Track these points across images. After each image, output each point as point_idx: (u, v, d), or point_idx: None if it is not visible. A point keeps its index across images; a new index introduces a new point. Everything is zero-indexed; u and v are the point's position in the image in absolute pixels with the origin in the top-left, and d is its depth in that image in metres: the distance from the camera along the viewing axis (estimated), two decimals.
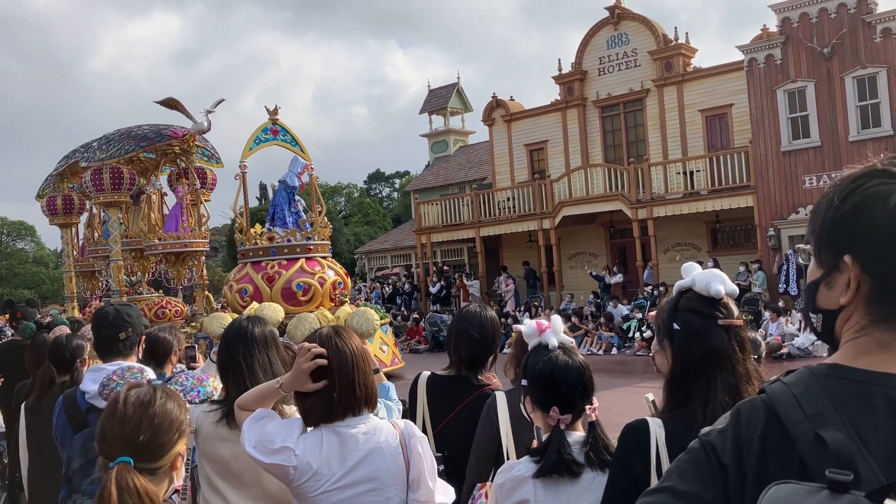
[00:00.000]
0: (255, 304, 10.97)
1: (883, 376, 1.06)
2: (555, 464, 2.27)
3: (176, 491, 2.04)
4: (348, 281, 15.07)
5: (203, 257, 12.67)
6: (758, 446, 1.08)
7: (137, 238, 12.47)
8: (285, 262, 13.47)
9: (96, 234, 14.10)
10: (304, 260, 13.57)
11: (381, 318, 14.84)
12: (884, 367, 1.07)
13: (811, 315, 1.21)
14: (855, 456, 0.98)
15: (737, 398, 1.23)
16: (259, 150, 14.05)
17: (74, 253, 14.69)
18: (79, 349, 4.03)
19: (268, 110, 14.17)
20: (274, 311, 7.61)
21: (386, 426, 2.41)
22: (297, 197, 14.59)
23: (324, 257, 14.10)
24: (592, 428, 2.36)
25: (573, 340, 2.60)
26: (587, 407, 2.37)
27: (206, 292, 12.70)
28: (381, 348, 13.85)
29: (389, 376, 3.89)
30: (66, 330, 6.98)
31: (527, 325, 2.57)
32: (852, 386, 1.07)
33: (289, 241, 13.70)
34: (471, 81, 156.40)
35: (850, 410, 1.04)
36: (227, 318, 7.50)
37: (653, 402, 2.29)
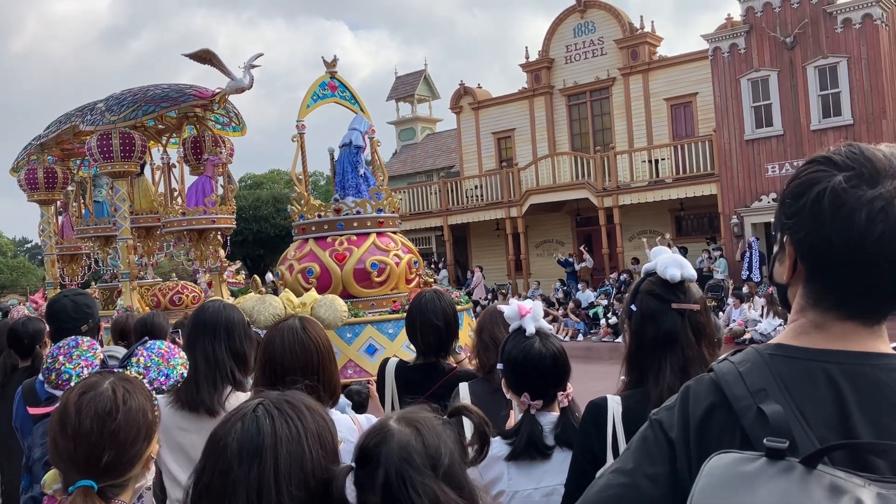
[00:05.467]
0: (306, 297, 8.16)
1: (821, 353, 1.12)
2: (525, 448, 2.34)
3: (147, 488, 1.85)
4: (422, 260, 12.45)
5: (225, 237, 11.49)
6: (702, 421, 1.12)
7: (145, 215, 11.50)
8: (354, 237, 11.29)
9: (83, 211, 12.68)
10: (375, 235, 11.42)
11: (465, 303, 11.97)
12: (822, 345, 1.13)
13: (773, 286, 1.28)
14: (792, 426, 1.04)
15: (685, 380, 1.25)
16: (318, 107, 11.96)
17: (53, 234, 13.47)
18: (38, 334, 3.93)
19: (325, 62, 11.88)
20: (333, 309, 5.95)
21: (346, 421, 2.36)
22: (360, 159, 12.35)
23: (394, 232, 12.04)
24: (564, 413, 2.41)
25: (551, 327, 2.64)
26: (560, 393, 2.41)
27: (254, 276, 11.54)
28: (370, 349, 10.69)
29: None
30: (23, 311, 6.81)
31: (509, 308, 2.58)
32: (793, 363, 1.12)
33: (358, 212, 11.46)
34: (418, 66, 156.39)
35: (791, 386, 1.09)
36: (277, 302, 6.46)
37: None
